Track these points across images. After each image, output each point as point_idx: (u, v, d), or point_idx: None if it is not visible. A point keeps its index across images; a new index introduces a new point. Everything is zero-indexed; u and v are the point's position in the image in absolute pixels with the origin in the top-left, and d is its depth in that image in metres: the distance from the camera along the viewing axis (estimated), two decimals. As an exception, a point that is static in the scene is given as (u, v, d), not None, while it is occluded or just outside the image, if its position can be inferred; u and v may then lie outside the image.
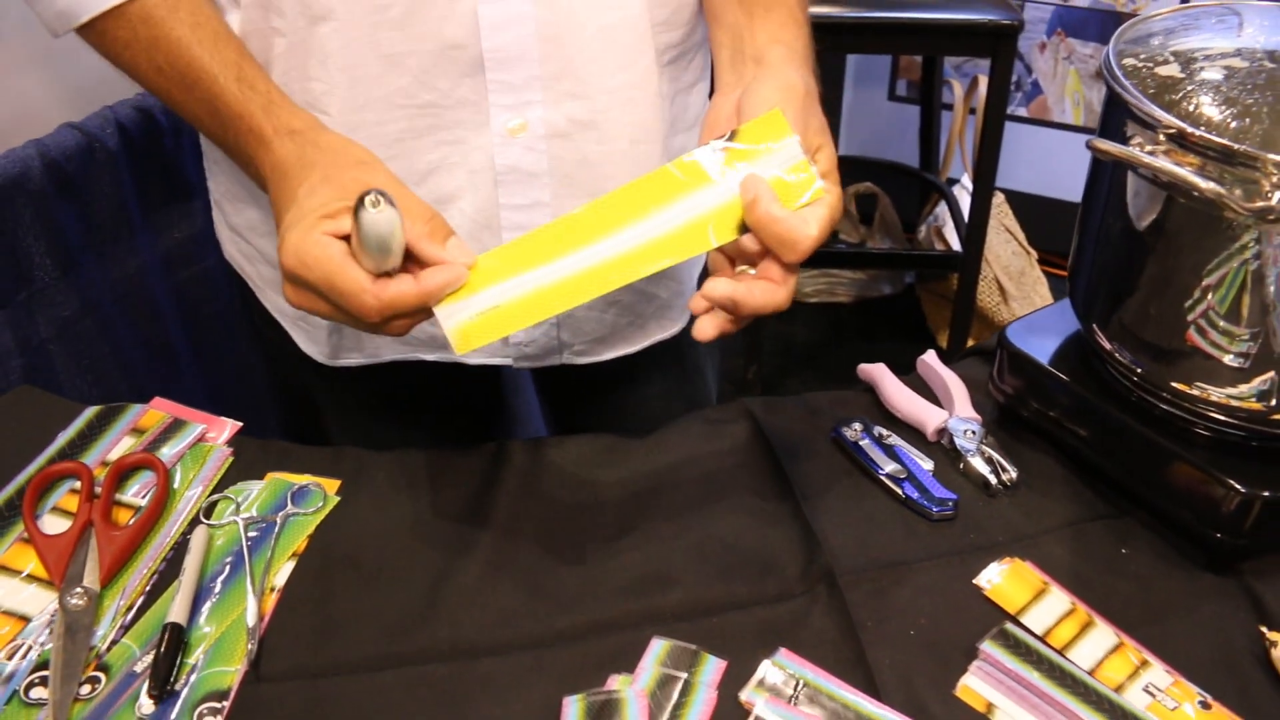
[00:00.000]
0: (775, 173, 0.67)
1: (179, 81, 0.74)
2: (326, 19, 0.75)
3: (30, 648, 0.69)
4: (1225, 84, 0.70)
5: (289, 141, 0.70)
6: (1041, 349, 0.84)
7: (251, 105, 0.72)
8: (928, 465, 0.83)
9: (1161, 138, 0.68)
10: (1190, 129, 0.66)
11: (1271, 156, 0.63)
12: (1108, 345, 0.79)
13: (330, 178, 0.67)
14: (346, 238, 0.65)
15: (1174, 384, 0.75)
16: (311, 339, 0.92)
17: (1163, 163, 0.67)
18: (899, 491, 0.80)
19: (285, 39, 0.77)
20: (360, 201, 0.61)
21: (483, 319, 0.66)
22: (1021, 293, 2.40)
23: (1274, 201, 0.64)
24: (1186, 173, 0.66)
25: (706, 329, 0.67)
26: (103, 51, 0.77)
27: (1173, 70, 0.72)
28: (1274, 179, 0.64)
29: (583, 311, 0.88)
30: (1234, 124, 0.67)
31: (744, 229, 0.66)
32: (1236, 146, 0.64)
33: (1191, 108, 0.68)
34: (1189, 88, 0.70)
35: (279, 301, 0.93)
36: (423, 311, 0.66)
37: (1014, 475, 0.82)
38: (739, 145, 0.67)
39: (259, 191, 0.79)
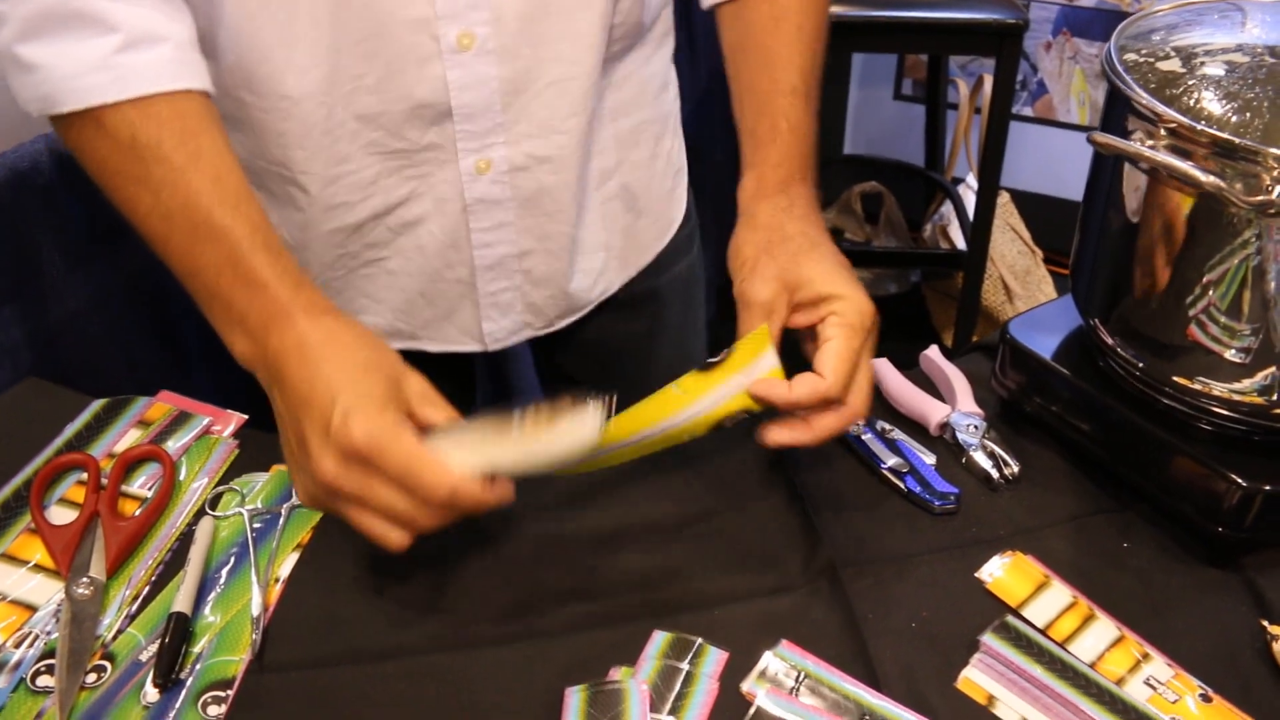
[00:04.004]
0: (749, 381, 0.72)
1: (189, 232, 0.68)
2: (309, 96, 0.78)
3: (37, 636, 0.69)
4: (1226, 79, 0.70)
5: (315, 324, 0.67)
6: (1044, 344, 0.85)
7: (281, 277, 0.68)
8: (930, 459, 0.83)
9: (1162, 132, 0.68)
10: (1191, 123, 0.67)
11: (1272, 150, 0.63)
12: (1109, 340, 0.80)
13: (375, 368, 0.66)
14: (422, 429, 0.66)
15: (1176, 379, 0.76)
16: None
17: (1163, 156, 0.67)
18: (901, 485, 0.81)
19: (261, 115, 0.80)
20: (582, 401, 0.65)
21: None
22: (1027, 291, 2.40)
23: (1275, 195, 0.64)
24: (1187, 166, 0.66)
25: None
26: (82, 156, 0.71)
27: (1174, 65, 0.72)
28: (1275, 173, 0.64)
29: (544, 301, 0.95)
30: (1235, 118, 0.67)
31: (715, 428, 0.73)
32: (1237, 140, 0.65)
33: (1192, 102, 0.69)
34: (1190, 82, 0.70)
35: None
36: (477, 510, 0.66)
37: (1016, 469, 0.82)
38: (730, 360, 0.73)
39: (274, 195, 0.84)
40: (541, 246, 0.91)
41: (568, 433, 0.66)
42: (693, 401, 0.72)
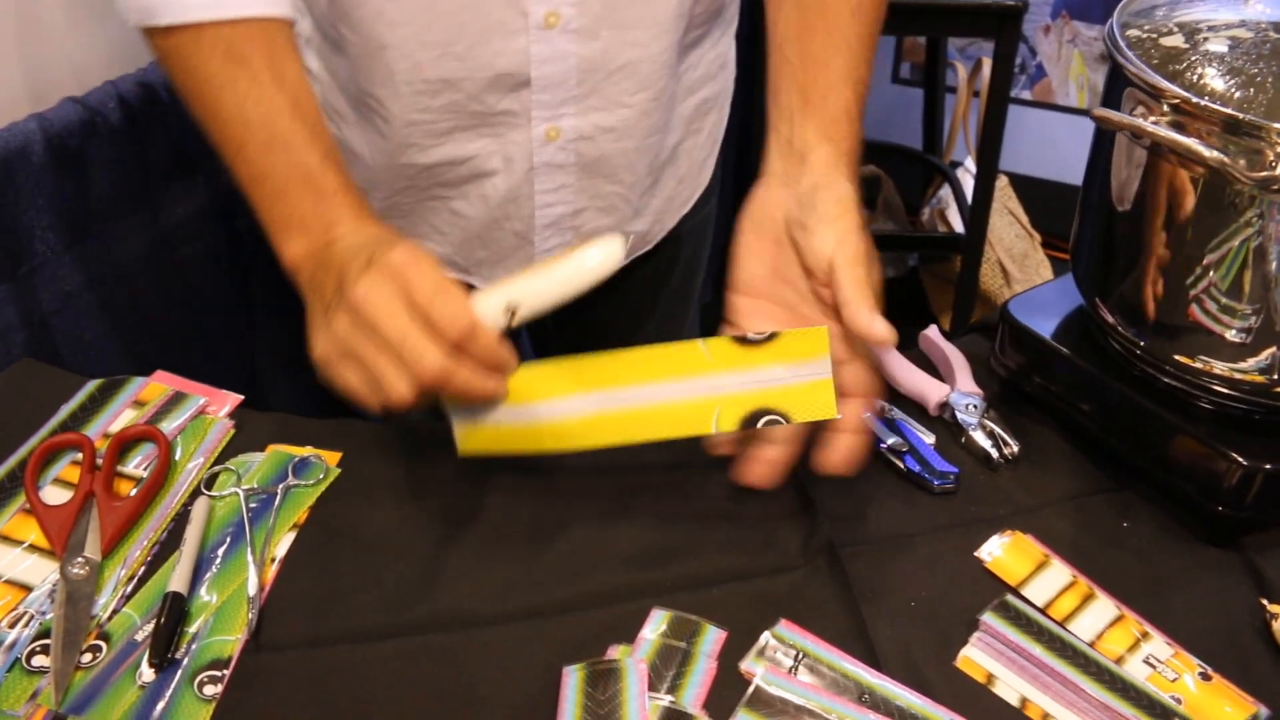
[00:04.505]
0: (795, 381, 0.69)
1: (266, 142, 0.75)
2: (396, 46, 0.83)
3: (32, 617, 0.69)
4: (1230, 54, 0.69)
5: (377, 224, 0.74)
6: (1044, 323, 0.84)
7: (350, 194, 0.75)
8: (929, 439, 0.83)
9: (1165, 108, 0.68)
10: (1194, 98, 0.66)
11: (1276, 126, 0.63)
12: (1110, 319, 0.79)
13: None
14: None
15: (1177, 357, 0.75)
16: None
17: (1166, 131, 0.67)
18: (900, 465, 0.80)
19: (356, 50, 0.85)
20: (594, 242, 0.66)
21: (491, 432, 0.72)
22: (1024, 275, 2.39)
23: (1278, 171, 0.64)
24: (1191, 142, 0.65)
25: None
26: (173, 64, 0.78)
27: (1177, 41, 0.71)
28: (1278, 149, 0.63)
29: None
30: (1238, 94, 0.66)
31: (747, 424, 0.69)
32: (1241, 116, 0.64)
33: (1196, 78, 0.68)
34: (1193, 58, 0.70)
35: None
36: (476, 383, 0.66)
37: (1016, 449, 0.82)
38: (773, 345, 0.70)
39: (362, 115, 0.89)
40: (594, 205, 0.96)
41: (590, 258, 0.67)
42: (721, 371, 0.69)
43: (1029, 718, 0.65)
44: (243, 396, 0.86)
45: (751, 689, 0.64)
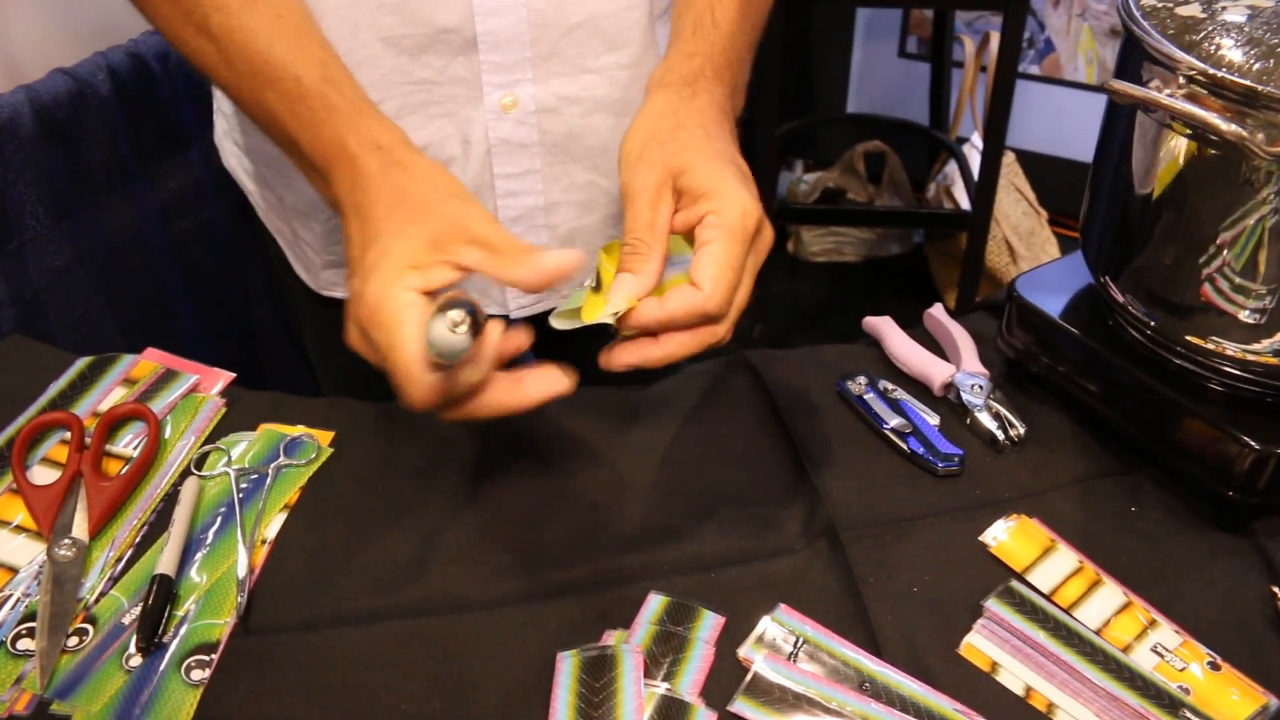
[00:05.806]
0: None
1: (251, 77, 0.68)
2: (332, 11, 0.76)
3: (18, 599, 0.68)
4: (1248, 24, 0.67)
5: (373, 159, 0.65)
6: (1052, 302, 0.82)
7: (337, 113, 0.67)
8: (934, 420, 0.81)
9: (1181, 80, 0.66)
10: (1212, 70, 0.64)
11: (1296, 99, 0.61)
12: (1120, 298, 0.77)
13: (422, 217, 0.62)
14: (432, 293, 0.59)
15: (1188, 338, 0.73)
16: (306, 266, 0.94)
17: (1182, 104, 0.65)
18: (904, 446, 0.79)
19: None
20: (442, 310, 0.56)
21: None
22: (1031, 253, 2.37)
23: (1297, 146, 0.62)
24: (1207, 114, 0.63)
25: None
26: (159, 26, 0.72)
27: (1193, 10, 0.69)
28: (1298, 123, 0.61)
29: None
30: (1257, 65, 0.64)
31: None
32: (1260, 88, 0.62)
33: (1213, 49, 0.66)
34: (1210, 28, 0.67)
35: (276, 223, 0.94)
36: (473, 402, 0.60)
37: (1022, 431, 0.80)
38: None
39: None
40: (569, 199, 0.88)
41: None
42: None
43: (1033, 707, 0.63)
44: (234, 374, 0.85)
45: (750, 676, 0.63)
